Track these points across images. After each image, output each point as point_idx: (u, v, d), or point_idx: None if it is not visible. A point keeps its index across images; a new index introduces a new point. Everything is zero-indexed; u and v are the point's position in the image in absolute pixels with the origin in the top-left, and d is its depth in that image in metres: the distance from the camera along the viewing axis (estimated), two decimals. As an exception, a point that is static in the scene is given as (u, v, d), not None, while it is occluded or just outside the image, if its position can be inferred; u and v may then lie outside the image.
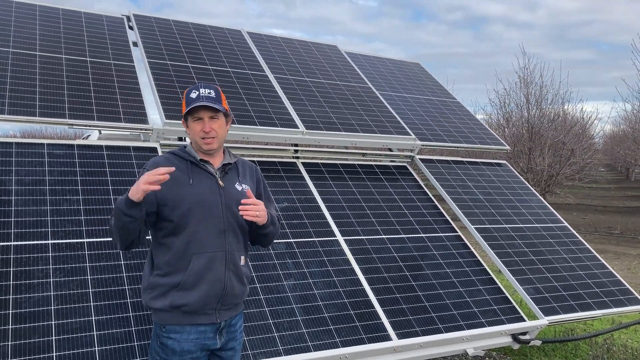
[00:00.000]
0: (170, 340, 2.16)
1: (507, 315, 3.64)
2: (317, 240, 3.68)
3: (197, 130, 2.24)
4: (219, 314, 2.22)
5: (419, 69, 6.44)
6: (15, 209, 3.01)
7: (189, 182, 2.21)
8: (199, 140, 2.25)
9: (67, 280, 2.77)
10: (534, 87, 15.31)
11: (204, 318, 2.19)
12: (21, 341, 2.45)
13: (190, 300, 2.14)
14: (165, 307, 2.15)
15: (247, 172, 2.42)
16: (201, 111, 2.23)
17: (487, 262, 4.45)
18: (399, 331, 3.22)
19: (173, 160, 2.27)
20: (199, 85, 2.27)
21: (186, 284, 2.15)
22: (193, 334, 2.17)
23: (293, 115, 4.42)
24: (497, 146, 5.32)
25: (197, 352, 2.18)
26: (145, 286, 2.23)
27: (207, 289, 2.17)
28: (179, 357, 2.16)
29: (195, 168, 2.27)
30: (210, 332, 2.21)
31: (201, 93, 2.23)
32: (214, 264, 2.19)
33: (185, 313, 2.16)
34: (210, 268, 2.18)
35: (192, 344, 2.17)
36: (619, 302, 3.98)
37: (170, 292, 2.15)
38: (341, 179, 4.36)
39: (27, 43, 4.14)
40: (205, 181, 2.25)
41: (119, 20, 4.92)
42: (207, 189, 2.24)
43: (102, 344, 2.57)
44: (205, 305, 2.17)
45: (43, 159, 3.38)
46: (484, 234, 4.21)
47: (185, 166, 2.25)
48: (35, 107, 3.57)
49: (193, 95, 2.23)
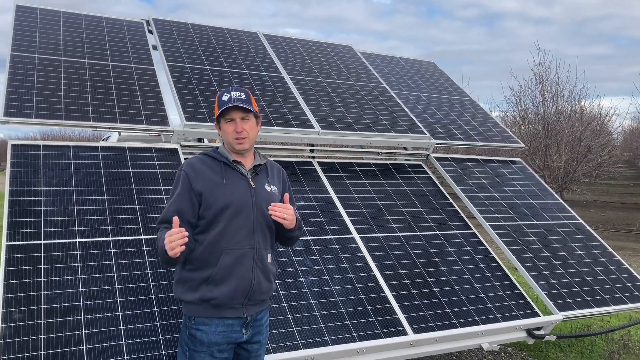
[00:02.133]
0: (199, 332, 2.27)
1: (521, 310, 3.69)
2: (334, 238, 3.77)
3: (230, 131, 2.34)
4: (246, 308, 2.32)
5: (433, 68, 6.48)
6: (44, 209, 3.14)
7: (222, 182, 2.32)
8: (231, 140, 2.35)
9: (95, 277, 2.89)
10: (550, 84, 15.21)
11: (231, 312, 2.29)
12: (53, 334, 2.57)
13: (219, 294, 2.24)
14: (195, 300, 2.26)
15: (275, 174, 2.52)
16: (233, 112, 2.34)
17: (502, 259, 4.49)
18: (414, 326, 3.29)
19: (206, 160, 2.38)
20: (230, 89, 2.38)
21: (216, 278, 2.25)
22: (221, 327, 2.27)
23: (309, 116, 4.51)
24: (512, 144, 5.35)
25: (223, 344, 2.28)
26: (177, 280, 2.35)
27: (235, 284, 2.27)
28: (206, 348, 2.26)
29: (228, 169, 2.37)
30: (237, 326, 2.31)
31: (232, 95, 2.34)
32: (243, 260, 2.29)
33: (214, 306, 2.26)
34: (239, 264, 2.28)
35: (219, 336, 2.27)
36: (634, 298, 4.01)
37: (201, 285, 2.26)
38: (357, 178, 4.44)
39: (52, 48, 4.28)
40: (238, 182, 2.36)
41: (138, 25, 5.05)
42: (240, 189, 2.34)
43: (128, 337, 2.68)
44: (232, 300, 2.27)
45: (69, 160, 3.51)
46: (499, 231, 4.26)
47: (219, 167, 2.36)
48: (60, 110, 3.70)
49: (225, 98, 2.34)
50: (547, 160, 15.06)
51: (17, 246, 2.90)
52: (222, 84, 4.51)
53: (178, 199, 2.29)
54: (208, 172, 2.33)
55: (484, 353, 4.65)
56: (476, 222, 4.52)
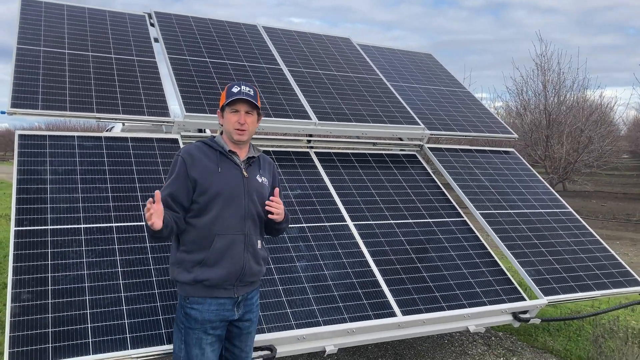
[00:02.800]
0: (193, 311, 2.43)
1: (508, 295, 3.83)
2: (328, 225, 3.91)
3: (233, 121, 2.49)
4: (237, 289, 2.48)
5: (430, 60, 6.59)
6: (50, 196, 3.30)
7: (217, 170, 2.47)
8: (232, 130, 2.50)
9: (99, 261, 3.05)
10: (551, 74, 15.26)
11: (223, 292, 2.45)
12: (60, 313, 2.74)
13: (212, 275, 2.40)
14: (189, 280, 2.42)
15: (267, 166, 2.68)
16: (239, 104, 2.49)
17: (492, 247, 4.64)
18: (403, 309, 3.44)
19: (203, 148, 2.53)
20: (241, 83, 2.53)
21: (209, 261, 2.41)
22: (213, 306, 2.43)
23: (306, 107, 4.64)
24: (505, 134, 5.48)
25: (216, 322, 2.45)
26: (173, 262, 2.50)
27: (227, 267, 2.43)
28: (200, 325, 2.42)
29: (224, 158, 2.52)
30: (228, 305, 2.47)
31: (242, 89, 2.49)
32: (234, 245, 2.45)
33: (207, 287, 2.42)
34: (231, 248, 2.44)
35: (212, 314, 2.43)
36: (618, 284, 4.15)
37: (194, 267, 2.42)
38: (352, 168, 4.58)
39: (57, 41, 4.42)
40: (232, 171, 2.51)
41: (140, 18, 5.18)
42: (233, 178, 2.49)
43: (130, 317, 2.84)
44: (224, 282, 2.43)
45: (74, 150, 3.66)
46: (489, 219, 4.40)
47: (214, 155, 2.51)
48: (66, 102, 3.85)
49: (235, 90, 2.49)
50: (548, 150, 15.16)
51: (25, 231, 3.06)
52: (222, 76, 4.65)
53: (173, 183, 2.45)
54: (204, 159, 2.48)
55: (475, 337, 4.81)
56: (468, 211, 4.66)
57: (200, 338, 2.44)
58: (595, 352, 4.29)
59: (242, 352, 2.59)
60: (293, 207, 3.95)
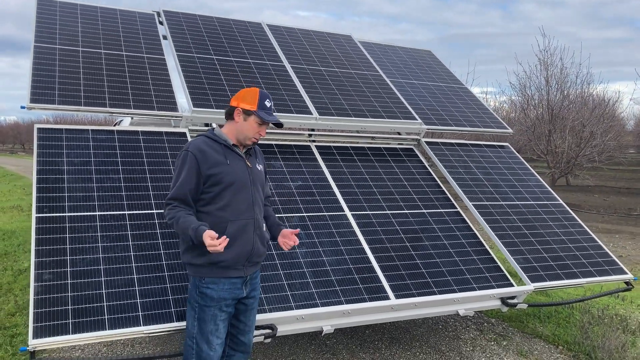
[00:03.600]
0: (209, 290, 2.69)
1: (497, 282, 4.05)
2: (328, 215, 4.14)
3: (256, 131, 2.77)
4: (246, 269, 2.76)
5: (429, 57, 6.79)
6: (67, 185, 3.54)
7: (226, 162, 2.72)
8: (250, 136, 2.77)
9: (113, 245, 3.30)
10: (554, 69, 15.39)
11: (234, 272, 2.71)
12: (78, 293, 2.98)
13: (226, 257, 2.67)
14: (205, 263, 2.68)
15: (259, 155, 2.98)
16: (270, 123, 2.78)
17: (485, 238, 4.85)
18: (397, 292, 3.67)
19: (210, 143, 2.76)
20: (268, 95, 2.80)
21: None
22: (227, 285, 2.70)
23: (307, 102, 4.86)
24: (500, 129, 5.68)
25: (229, 299, 2.73)
26: (186, 247, 2.73)
27: (239, 249, 2.69)
28: (216, 303, 2.69)
29: (228, 150, 2.77)
30: (239, 284, 2.74)
31: (271, 107, 2.79)
32: (245, 229, 2.72)
33: (221, 268, 2.68)
34: (242, 232, 2.71)
35: (226, 293, 2.70)
36: (603, 272, 4.36)
37: (208, 251, 2.63)
38: (351, 161, 4.80)
39: (71, 39, 4.65)
40: (237, 162, 2.77)
41: (150, 17, 5.41)
42: (240, 169, 2.76)
43: (142, 297, 3.08)
44: (237, 262, 2.70)
45: (89, 142, 3.90)
46: (482, 210, 4.61)
47: (220, 148, 2.76)
48: (80, 97, 4.09)
49: (267, 104, 2.77)
50: (550, 145, 15.30)
51: (45, 218, 3.31)
52: (228, 72, 4.87)
53: (188, 179, 2.66)
54: (213, 153, 2.72)
55: (468, 323, 5.04)
56: (463, 205, 4.87)
57: (215, 315, 2.70)
58: (581, 337, 4.51)
59: (246, 326, 2.87)
60: (294, 197, 4.17)
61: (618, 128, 17.95)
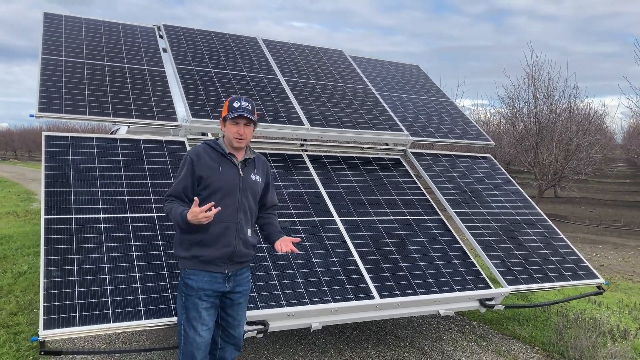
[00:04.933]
0: (190, 280, 2.96)
1: (477, 284, 4.31)
2: (317, 220, 4.39)
3: (233, 132, 3.00)
4: (227, 267, 3.01)
5: (417, 71, 7.09)
6: (74, 189, 3.78)
7: (218, 169, 2.98)
8: (232, 139, 3.01)
9: (116, 245, 3.53)
10: (541, 83, 15.78)
11: (214, 268, 2.97)
12: (85, 289, 3.21)
13: (206, 254, 2.93)
14: (188, 256, 2.96)
15: (261, 166, 3.20)
16: (240, 118, 2.98)
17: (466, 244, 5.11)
18: (381, 293, 3.92)
19: (208, 150, 3.04)
20: (242, 98, 3.04)
21: (205, 242, 2.93)
22: (207, 277, 2.96)
23: (300, 114, 5.13)
24: (482, 141, 5.97)
25: (209, 290, 2.97)
26: (176, 241, 3.04)
27: (220, 248, 2.95)
28: (195, 292, 2.95)
29: (224, 159, 3.03)
30: (219, 278, 2.99)
31: (242, 105, 3.00)
32: (227, 231, 2.97)
33: (202, 262, 2.95)
34: (224, 234, 2.96)
35: (205, 284, 2.96)
36: (577, 276, 4.63)
37: (193, 246, 2.94)
38: (340, 169, 5.07)
39: (76, 52, 4.91)
40: (230, 170, 3.02)
41: (150, 30, 5.67)
42: (231, 176, 3.01)
43: (144, 293, 3.32)
44: (216, 259, 2.96)
45: (93, 149, 4.14)
46: (463, 218, 4.88)
47: (216, 156, 3.02)
48: (85, 107, 4.33)
49: (236, 105, 3.00)
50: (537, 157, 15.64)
51: (53, 219, 3.54)
52: (224, 84, 5.14)
53: (184, 179, 2.98)
54: (208, 159, 3.00)
55: (450, 325, 5.29)
56: (448, 215, 5.14)
57: (196, 303, 2.96)
58: (556, 339, 4.77)
59: (234, 320, 3.11)
60: (286, 203, 4.43)
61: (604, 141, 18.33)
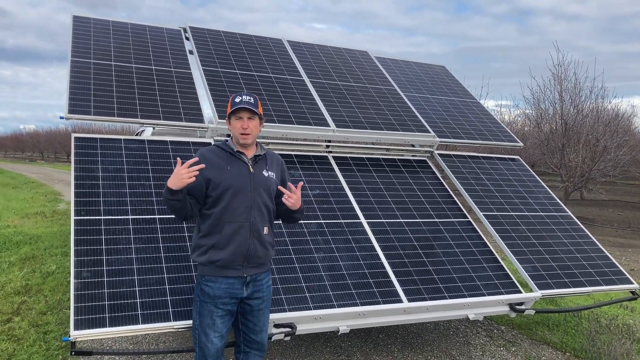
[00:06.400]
0: (206, 287, 2.90)
1: (506, 288, 4.23)
2: (344, 222, 4.35)
3: (237, 127, 2.95)
4: (245, 270, 2.93)
5: (443, 72, 7.01)
6: (102, 190, 3.80)
7: (227, 168, 2.94)
8: (238, 135, 2.96)
9: (145, 247, 3.54)
10: (568, 83, 15.50)
11: (232, 272, 2.90)
12: (114, 290, 3.23)
13: (222, 257, 2.86)
14: (204, 262, 2.90)
15: (274, 162, 3.12)
16: (242, 112, 2.95)
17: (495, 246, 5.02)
18: (409, 296, 3.87)
19: (216, 150, 3.00)
20: (242, 93, 3.00)
21: (219, 244, 2.87)
22: (224, 284, 2.89)
23: (325, 115, 5.10)
24: (511, 143, 5.86)
25: (226, 298, 2.90)
26: (192, 246, 2.99)
27: (234, 249, 2.87)
28: (212, 300, 2.89)
29: (233, 157, 2.99)
30: (237, 284, 2.92)
31: (243, 99, 2.96)
32: (241, 231, 2.89)
33: (218, 267, 2.89)
34: (238, 234, 2.88)
35: (222, 291, 2.89)
36: (610, 281, 4.51)
37: (209, 250, 2.88)
38: (367, 171, 5.02)
39: (104, 54, 4.95)
40: (239, 168, 2.96)
41: (177, 32, 5.70)
42: (241, 174, 2.95)
43: (172, 294, 3.32)
44: (233, 262, 2.88)
45: (121, 151, 4.16)
46: (492, 220, 4.80)
47: (225, 155, 2.98)
48: (114, 109, 4.37)
49: (237, 100, 2.97)
50: (563, 159, 15.37)
51: (82, 220, 3.57)
52: (250, 86, 5.13)
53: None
54: (216, 159, 2.95)
55: (478, 329, 5.20)
56: (475, 217, 5.06)
57: (211, 310, 2.90)
58: (588, 345, 4.66)
59: (256, 326, 3.04)
60: (312, 205, 4.40)
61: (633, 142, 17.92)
